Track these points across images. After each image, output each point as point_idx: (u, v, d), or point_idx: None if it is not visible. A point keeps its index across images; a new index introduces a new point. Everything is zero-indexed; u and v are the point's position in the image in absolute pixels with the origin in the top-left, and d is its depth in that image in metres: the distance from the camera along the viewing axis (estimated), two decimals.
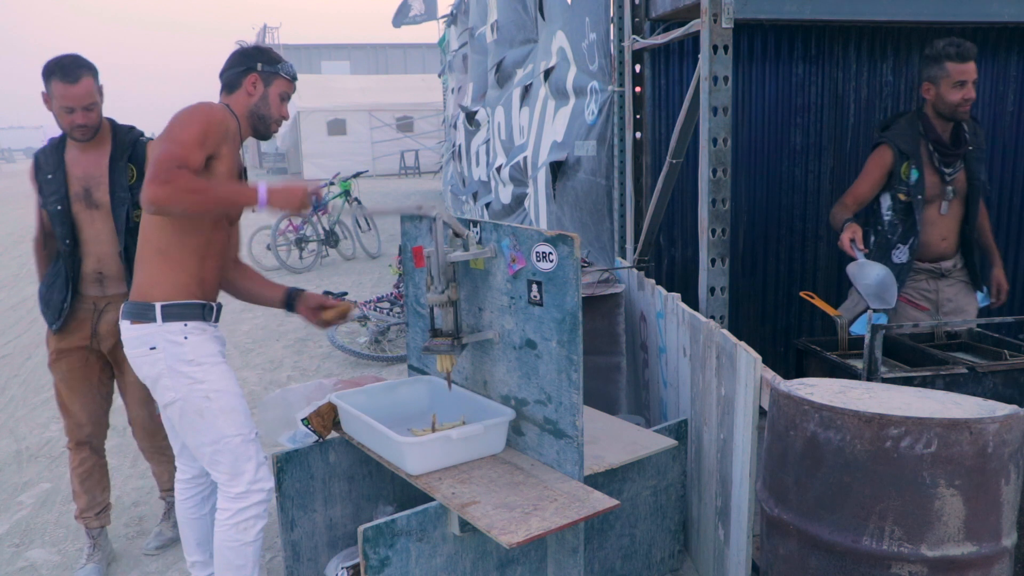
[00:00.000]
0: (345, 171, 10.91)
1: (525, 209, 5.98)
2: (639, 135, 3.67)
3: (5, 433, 4.49)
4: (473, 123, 8.27)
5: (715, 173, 2.68)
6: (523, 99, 5.85)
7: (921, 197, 3.02)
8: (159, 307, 2.27)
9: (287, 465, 2.55)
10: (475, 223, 2.34)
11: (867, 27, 3.68)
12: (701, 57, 2.64)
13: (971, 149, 3.07)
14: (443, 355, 2.33)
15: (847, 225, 2.95)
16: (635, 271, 3.53)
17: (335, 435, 2.60)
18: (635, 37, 3.55)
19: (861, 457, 1.70)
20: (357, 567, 2.47)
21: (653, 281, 3.24)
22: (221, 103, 2.40)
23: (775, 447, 1.90)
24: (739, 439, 2.26)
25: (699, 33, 2.66)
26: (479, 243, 2.32)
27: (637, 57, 3.61)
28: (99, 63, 2.81)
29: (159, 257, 2.30)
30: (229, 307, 6.80)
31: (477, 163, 8.50)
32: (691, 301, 2.83)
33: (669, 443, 2.53)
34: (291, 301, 2.64)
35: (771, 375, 2.12)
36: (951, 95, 2.93)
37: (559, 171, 4.73)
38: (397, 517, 1.99)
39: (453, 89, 11.73)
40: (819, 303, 3.04)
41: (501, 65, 6.54)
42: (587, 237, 4.34)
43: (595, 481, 2.21)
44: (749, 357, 2.15)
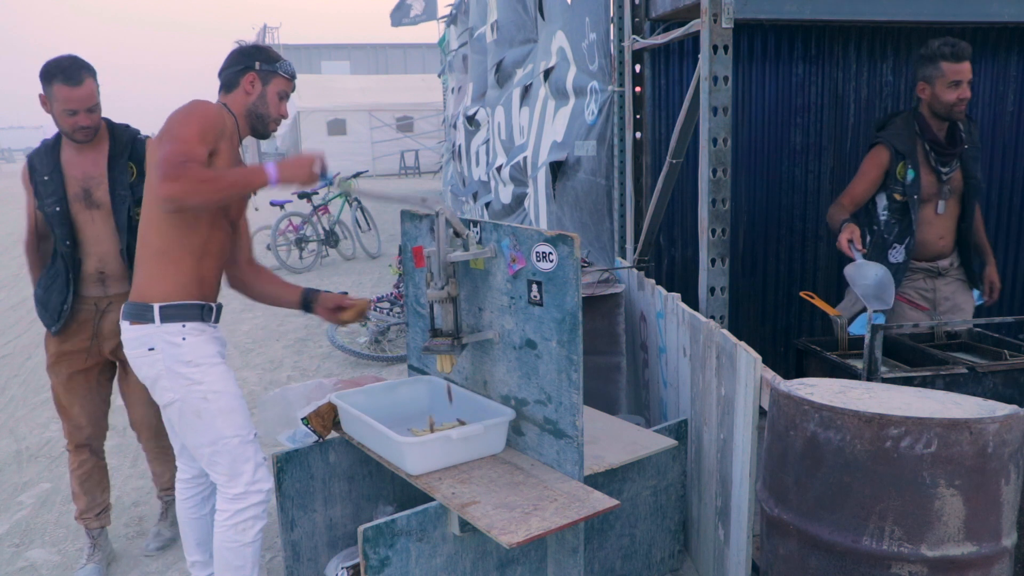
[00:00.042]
0: (345, 171, 10.88)
1: (525, 209, 5.98)
2: (639, 135, 3.67)
3: (5, 433, 4.49)
4: (473, 123, 8.27)
5: (715, 173, 2.68)
6: (523, 99, 5.85)
7: (917, 197, 3.03)
8: (157, 308, 2.27)
9: (287, 465, 2.55)
10: (475, 223, 2.34)
11: (867, 27, 3.68)
12: (701, 57, 2.64)
13: (967, 148, 3.08)
14: (443, 355, 2.33)
15: (845, 226, 2.95)
16: (635, 271, 3.53)
17: (335, 435, 2.60)
18: (635, 37, 3.55)
19: (861, 457, 1.70)
20: (357, 567, 2.47)
21: (653, 281, 3.24)
22: (219, 102, 2.39)
23: (775, 447, 1.90)
24: (739, 439, 2.26)
25: (699, 33, 2.66)
26: (479, 243, 2.32)
27: (637, 57, 3.61)
28: (99, 63, 2.81)
29: (157, 258, 2.30)
30: (229, 307, 6.79)
31: (477, 163, 8.50)
32: (691, 301, 2.83)
33: (669, 443, 2.53)
34: (308, 302, 2.63)
35: (771, 375, 2.12)
36: (946, 95, 2.94)
37: (559, 171, 4.73)
38: (397, 517, 1.99)
39: (453, 89, 11.73)
40: (819, 303, 3.05)
41: (501, 65, 6.54)
42: (587, 237, 4.34)
43: (595, 481, 2.21)
44: (749, 357, 2.15)
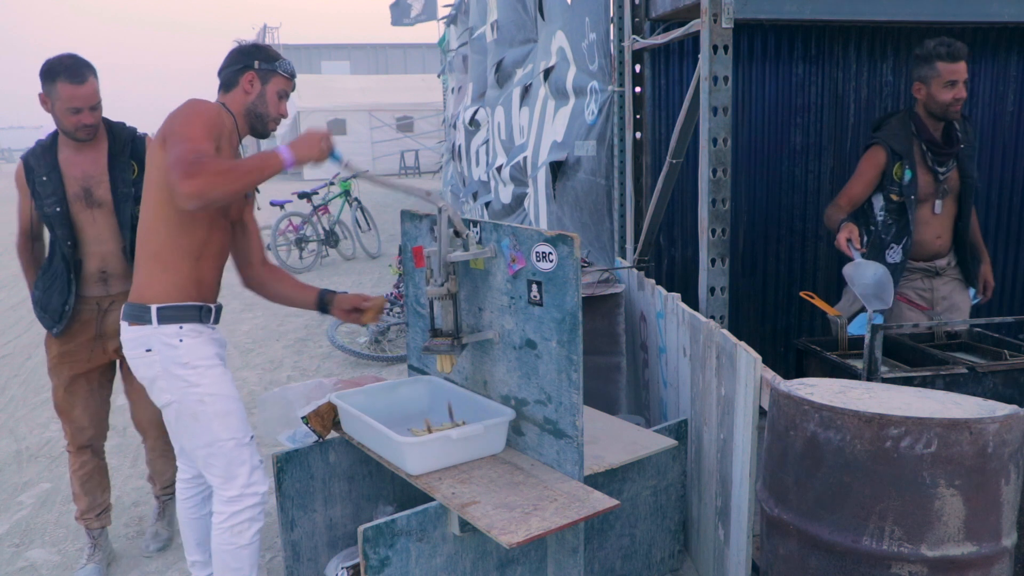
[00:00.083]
0: (345, 171, 10.89)
1: (525, 209, 5.98)
2: (639, 135, 3.67)
3: (5, 433, 4.49)
4: (473, 123, 8.27)
5: (715, 173, 2.68)
6: (523, 99, 5.85)
7: (914, 197, 3.03)
8: (154, 309, 2.26)
9: (287, 465, 2.55)
10: (475, 223, 2.34)
11: (867, 27, 3.68)
12: (701, 57, 2.64)
13: (963, 148, 3.08)
14: (443, 355, 2.33)
15: (843, 225, 2.96)
16: (635, 271, 3.53)
17: (335, 435, 2.59)
18: (635, 37, 3.55)
19: (861, 457, 1.70)
20: (357, 567, 2.47)
21: (653, 281, 3.24)
22: (218, 101, 2.38)
23: (775, 447, 1.90)
24: (739, 439, 2.26)
25: (699, 33, 2.66)
26: (479, 243, 2.32)
27: (637, 57, 3.61)
28: (99, 63, 2.81)
29: (155, 259, 2.29)
30: (229, 307, 6.78)
31: (477, 163, 8.50)
32: (691, 301, 2.83)
33: (669, 443, 2.53)
34: (324, 303, 2.61)
35: (771, 375, 2.12)
36: (942, 95, 2.94)
37: (559, 171, 4.73)
38: (397, 517, 1.99)
39: (453, 89, 11.73)
40: (819, 303, 3.05)
41: (501, 65, 6.54)
42: (587, 237, 4.34)
43: (595, 481, 2.21)
44: (749, 357, 2.15)
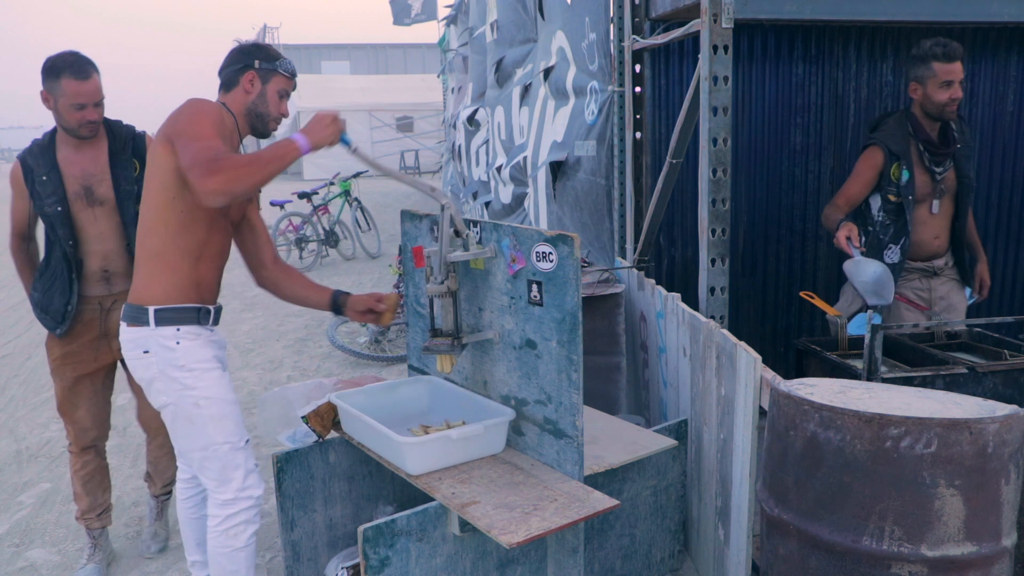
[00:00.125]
0: (345, 171, 10.90)
1: (525, 209, 5.98)
2: (639, 135, 3.67)
3: (5, 433, 4.49)
4: (473, 123, 8.27)
5: (715, 173, 2.68)
6: (523, 99, 5.85)
7: (912, 197, 3.03)
8: (152, 311, 2.25)
9: (287, 465, 2.54)
10: (475, 223, 2.34)
11: (867, 27, 3.68)
12: (701, 57, 2.64)
13: (959, 147, 3.08)
14: (443, 355, 2.33)
15: (843, 224, 2.96)
16: (635, 271, 3.53)
17: (335, 435, 2.60)
18: (635, 37, 3.55)
19: (861, 457, 1.70)
20: (357, 567, 2.47)
21: (653, 281, 3.24)
22: (218, 101, 2.37)
23: (775, 447, 1.90)
24: (739, 439, 2.26)
25: (699, 33, 2.66)
26: (479, 243, 2.32)
27: (637, 57, 3.61)
28: (99, 63, 2.80)
29: (154, 259, 2.28)
30: (229, 307, 6.76)
31: (477, 163, 8.50)
32: (691, 301, 2.83)
33: (669, 443, 2.53)
34: (338, 305, 2.59)
35: (771, 375, 2.12)
36: (938, 95, 2.94)
37: (559, 171, 4.73)
38: (397, 517, 1.99)
39: (453, 89, 11.73)
40: (819, 303, 3.05)
41: (501, 64, 6.54)
42: (587, 237, 4.34)
43: (595, 481, 2.21)
44: (749, 357, 2.15)
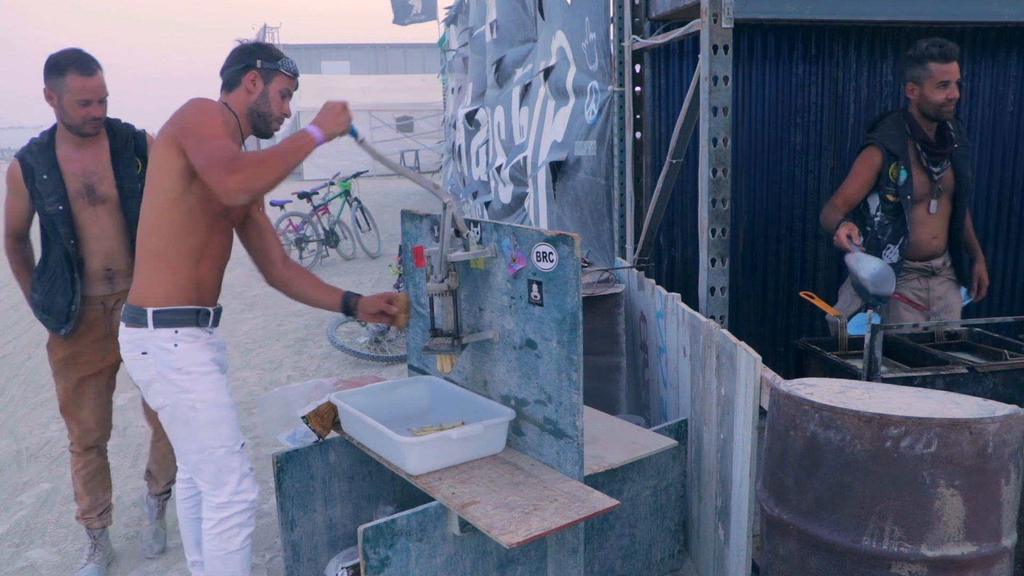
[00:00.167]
0: (345, 171, 10.89)
1: (525, 209, 5.98)
2: (639, 135, 3.67)
3: (5, 433, 4.49)
4: (473, 123, 8.27)
5: (715, 173, 2.68)
6: (522, 98, 5.85)
7: (910, 197, 3.03)
8: (151, 312, 2.25)
9: (287, 465, 2.55)
10: (475, 223, 2.34)
11: (867, 27, 3.68)
12: (701, 57, 2.64)
13: (956, 147, 3.09)
14: (443, 355, 2.33)
15: (843, 224, 2.96)
16: (635, 271, 3.53)
17: (335, 435, 2.60)
18: (635, 37, 3.55)
19: (861, 457, 1.70)
20: (357, 567, 2.47)
21: (653, 281, 3.24)
22: (220, 101, 2.36)
23: (775, 447, 1.90)
24: (739, 439, 2.26)
25: (699, 33, 2.66)
26: (479, 243, 2.32)
27: (637, 57, 3.61)
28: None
29: (154, 260, 2.28)
30: (229, 307, 6.74)
31: (477, 163, 8.51)
32: (691, 301, 2.83)
33: (669, 443, 2.53)
34: (349, 307, 2.55)
35: (771, 375, 2.12)
36: (935, 95, 2.94)
37: (559, 171, 4.73)
38: (397, 517, 1.99)
39: (453, 89, 11.74)
40: (819, 303, 3.05)
41: (500, 64, 6.54)
42: (587, 237, 4.35)
43: (595, 481, 2.21)
44: (749, 357, 2.15)
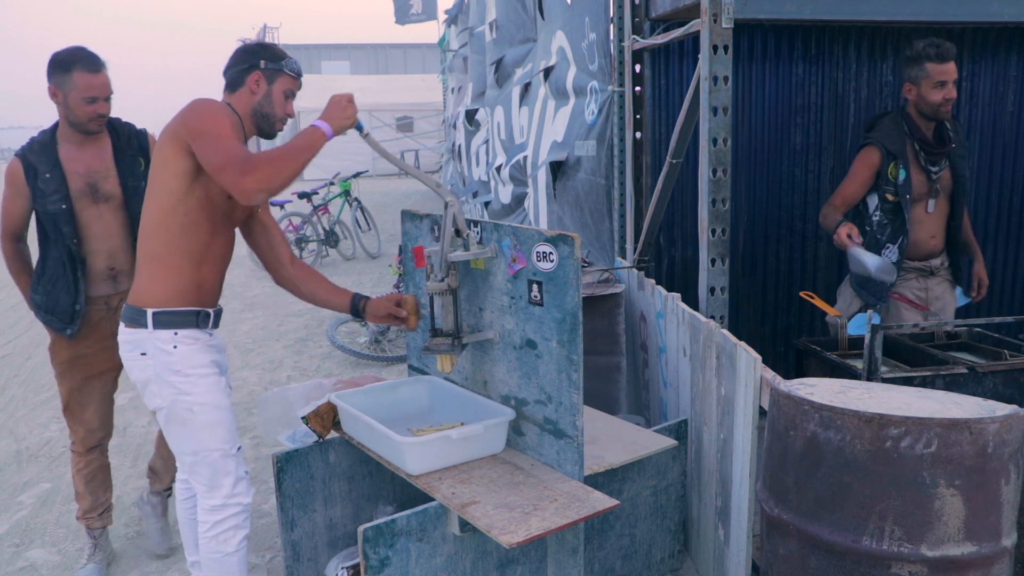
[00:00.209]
0: (345, 171, 10.89)
1: (525, 209, 5.98)
2: (639, 135, 3.67)
3: (5, 433, 4.49)
4: (473, 123, 8.27)
5: (715, 173, 2.68)
6: (522, 98, 5.85)
7: (909, 196, 3.03)
8: (150, 314, 2.24)
9: (287, 465, 2.55)
10: (476, 223, 2.34)
11: (867, 27, 3.68)
12: (701, 57, 2.64)
13: (954, 147, 3.09)
14: (443, 355, 2.33)
15: (842, 223, 2.96)
16: (635, 271, 3.53)
17: (335, 435, 2.60)
18: (635, 37, 3.55)
19: (861, 457, 1.70)
20: (357, 567, 2.47)
21: (653, 281, 3.24)
22: (223, 101, 2.34)
23: (775, 447, 1.90)
24: (739, 439, 2.26)
25: (699, 33, 2.66)
26: (479, 243, 2.32)
27: (637, 57, 3.61)
28: None
29: (155, 261, 2.27)
30: (229, 307, 6.74)
31: (477, 163, 8.51)
32: (691, 301, 2.83)
33: (669, 443, 2.53)
34: (358, 309, 2.53)
35: (771, 375, 2.12)
36: (932, 95, 2.95)
37: (559, 171, 4.73)
38: (397, 517, 1.99)
39: (453, 89, 11.74)
40: (819, 303, 3.05)
41: (500, 64, 6.54)
42: (587, 237, 4.35)
43: (595, 481, 2.21)
44: (749, 357, 2.15)
